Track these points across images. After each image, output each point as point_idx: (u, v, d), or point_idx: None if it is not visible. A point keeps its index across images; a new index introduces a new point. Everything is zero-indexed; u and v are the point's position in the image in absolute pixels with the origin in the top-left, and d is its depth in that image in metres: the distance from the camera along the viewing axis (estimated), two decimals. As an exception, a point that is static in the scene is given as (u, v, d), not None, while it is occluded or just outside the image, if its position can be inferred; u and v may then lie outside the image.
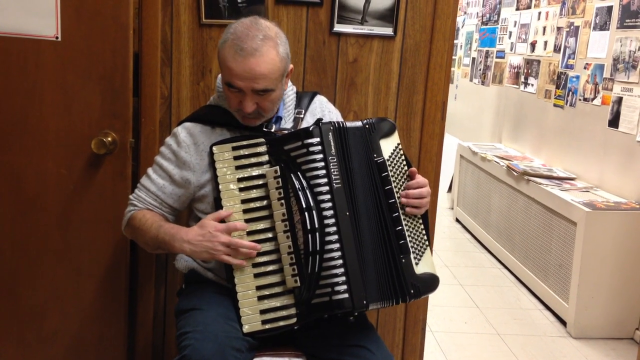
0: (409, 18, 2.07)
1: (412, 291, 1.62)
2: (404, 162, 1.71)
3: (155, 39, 1.99)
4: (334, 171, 1.60)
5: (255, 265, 1.63)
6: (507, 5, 5.34)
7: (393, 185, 1.65)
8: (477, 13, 6.11)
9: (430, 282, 1.66)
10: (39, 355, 2.10)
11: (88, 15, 1.92)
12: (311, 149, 1.59)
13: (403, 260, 1.62)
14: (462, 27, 6.57)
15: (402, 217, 1.65)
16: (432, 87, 2.12)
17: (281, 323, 1.61)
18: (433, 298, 3.50)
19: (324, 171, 1.59)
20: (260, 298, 1.62)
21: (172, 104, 2.06)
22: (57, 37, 1.93)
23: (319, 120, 1.64)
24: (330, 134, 1.61)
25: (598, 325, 3.35)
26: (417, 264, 1.64)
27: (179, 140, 1.73)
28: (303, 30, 2.05)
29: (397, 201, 1.65)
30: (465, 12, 6.53)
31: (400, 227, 1.64)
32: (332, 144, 1.61)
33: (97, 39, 1.93)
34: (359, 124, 1.67)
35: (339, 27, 2.05)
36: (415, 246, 1.66)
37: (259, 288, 1.62)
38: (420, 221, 1.70)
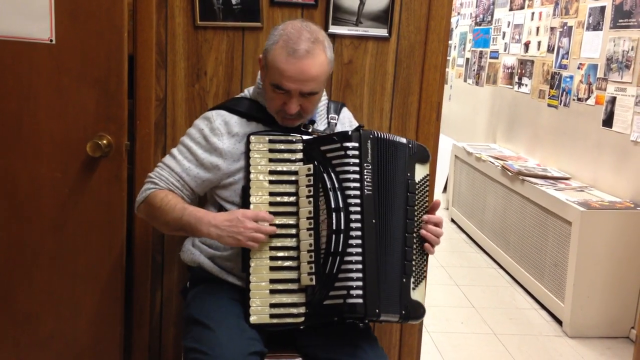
0: (403, 19, 2.08)
1: (403, 312, 1.62)
2: (427, 193, 1.74)
3: (150, 41, 1.99)
4: (367, 178, 1.60)
5: (272, 258, 1.63)
6: (500, 5, 5.35)
7: (415, 208, 1.67)
8: (471, 14, 6.13)
9: (419, 311, 1.66)
10: (34, 358, 2.10)
11: (82, 18, 1.91)
12: (348, 152, 1.60)
13: (404, 280, 1.63)
14: (456, 27, 6.59)
15: (414, 241, 1.67)
16: (427, 88, 2.12)
17: (288, 320, 1.62)
18: (430, 299, 3.51)
19: (357, 175, 1.60)
20: (272, 292, 1.62)
21: (167, 106, 2.06)
22: (51, 40, 1.92)
23: (359, 127, 1.66)
24: (369, 142, 1.62)
25: (594, 324, 3.36)
26: (413, 289, 1.65)
27: (214, 127, 1.73)
28: (298, 32, 2.05)
29: (414, 224, 1.67)
30: (458, 13, 6.54)
31: (409, 248, 1.65)
32: (369, 151, 1.62)
33: (91, 41, 1.93)
34: (404, 140, 1.70)
35: (333, 29, 2.05)
36: (416, 273, 1.67)
37: (272, 282, 1.63)
38: (426, 254, 1.72)
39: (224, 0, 1.99)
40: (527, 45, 4.76)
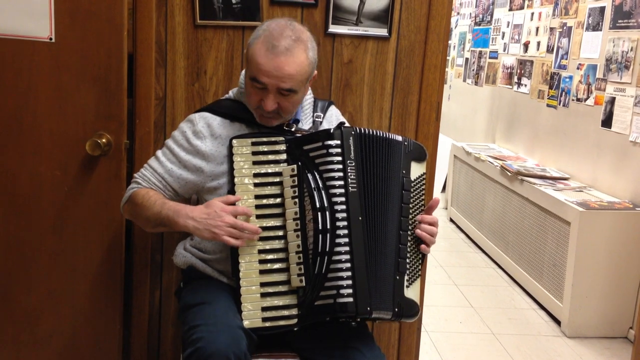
0: (403, 19, 2.08)
1: (396, 309, 1.62)
2: (423, 192, 1.73)
3: (150, 40, 1.99)
4: (351, 175, 1.60)
5: (261, 261, 1.63)
6: (500, 5, 5.35)
7: (410, 206, 1.67)
8: (470, 14, 6.13)
9: (413, 309, 1.66)
10: (33, 357, 2.09)
11: (82, 17, 1.91)
12: (330, 150, 1.60)
13: (397, 278, 1.63)
14: (455, 27, 6.59)
15: (409, 238, 1.67)
16: (427, 87, 2.12)
17: (281, 322, 1.61)
18: (428, 298, 3.52)
19: (340, 174, 1.60)
20: (264, 295, 1.62)
21: (167, 104, 2.06)
22: (51, 39, 1.92)
23: (340, 124, 1.65)
24: (351, 138, 1.62)
25: (592, 325, 3.37)
26: (407, 287, 1.65)
27: (196, 130, 1.73)
28: (298, 31, 2.05)
29: (408, 221, 1.67)
30: (458, 13, 6.54)
31: (403, 246, 1.65)
32: (352, 148, 1.61)
33: (91, 40, 1.92)
34: (399, 138, 1.70)
35: (333, 28, 2.05)
36: (411, 270, 1.67)
37: (263, 285, 1.62)
38: (422, 253, 1.71)
39: (224, -1, 1.98)
40: (526, 45, 4.76)
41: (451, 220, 5.49)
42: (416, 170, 1.71)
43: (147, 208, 1.69)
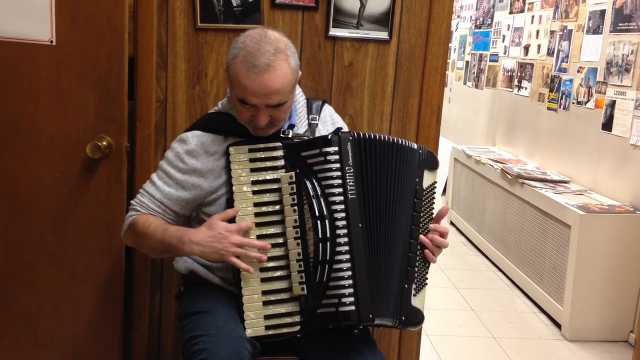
0: (404, 22, 2.08)
1: (403, 318, 1.62)
2: (434, 201, 1.72)
3: (151, 43, 1.99)
4: (349, 182, 1.59)
5: (262, 269, 1.62)
6: (500, 8, 5.36)
7: (420, 214, 1.67)
8: (471, 16, 6.13)
9: (418, 318, 1.66)
10: (33, 360, 2.10)
11: (83, 19, 1.91)
12: (328, 157, 1.59)
13: (405, 286, 1.63)
14: (456, 30, 6.59)
15: (418, 247, 1.67)
16: (427, 90, 2.12)
17: (284, 330, 1.60)
18: (429, 301, 3.51)
19: (339, 181, 1.58)
20: (266, 303, 1.61)
21: (168, 107, 2.06)
22: (52, 41, 1.92)
23: (338, 129, 1.63)
24: (349, 144, 1.60)
25: (593, 328, 3.36)
26: (414, 295, 1.65)
27: (190, 149, 1.70)
28: (298, 35, 2.05)
29: (418, 230, 1.66)
30: (458, 16, 6.55)
31: (412, 254, 1.64)
32: (350, 154, 1.60)
33: (92, 42, 1.93)
34: (414, 146, 1.69)
35: (334, 31, 2.05)
36: (418, 279, 1.66)
37: (265, 293, 1.61)
38: (428, 262, 1.71)
39: (225, 2, 1.99)
40: (526, 48, 4.76)
41: (451, 223, 5.48)
42: (428, 179, 1.70)
43: (148, 237, 1.67)
